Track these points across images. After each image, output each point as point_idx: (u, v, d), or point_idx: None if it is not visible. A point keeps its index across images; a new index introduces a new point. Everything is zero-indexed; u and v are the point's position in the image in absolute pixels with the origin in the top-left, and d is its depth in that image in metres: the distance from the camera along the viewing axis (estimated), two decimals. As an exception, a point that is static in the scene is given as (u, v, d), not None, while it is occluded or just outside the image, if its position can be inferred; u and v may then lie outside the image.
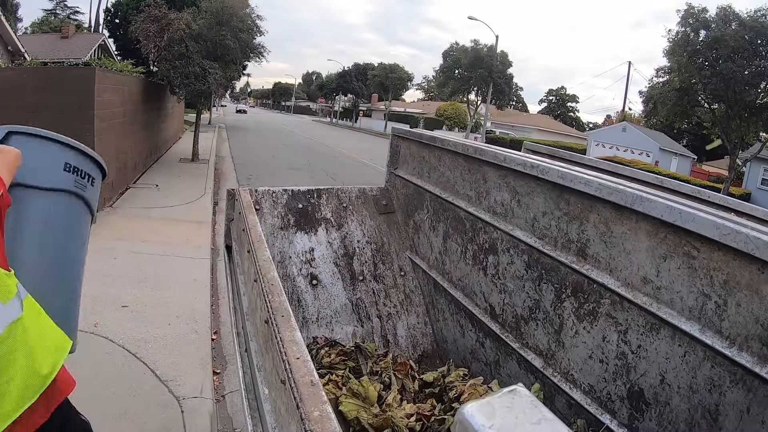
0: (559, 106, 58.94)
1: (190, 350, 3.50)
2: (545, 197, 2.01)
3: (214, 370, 3.37)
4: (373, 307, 2.84)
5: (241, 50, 12.22)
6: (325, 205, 2.99)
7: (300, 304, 2.67)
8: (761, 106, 18.15)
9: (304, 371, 1.02)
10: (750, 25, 16.98)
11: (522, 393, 0.69)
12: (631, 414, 1.67)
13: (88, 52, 21.57)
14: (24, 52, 16.14)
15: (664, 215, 1.51)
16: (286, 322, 1.23)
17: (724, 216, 1.44)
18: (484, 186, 2.38)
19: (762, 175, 22.00)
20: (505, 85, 32.24)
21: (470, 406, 0.66)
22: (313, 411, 0.90)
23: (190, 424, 2.72)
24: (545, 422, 0.64)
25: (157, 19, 10.45)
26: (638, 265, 1.64)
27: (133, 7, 17.20)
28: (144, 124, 9.42)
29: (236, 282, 2.26)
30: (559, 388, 1.93)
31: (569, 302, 1.90)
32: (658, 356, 1.58)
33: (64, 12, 38.37)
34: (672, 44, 18.81)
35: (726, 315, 1.40)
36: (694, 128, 30.55)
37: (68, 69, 7.19)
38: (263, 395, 1.41)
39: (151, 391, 2.90)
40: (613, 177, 2.02)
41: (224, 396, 3.16)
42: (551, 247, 1.99)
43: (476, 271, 2.44)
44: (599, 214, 1.78)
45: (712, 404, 1.43)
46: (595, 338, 1.80)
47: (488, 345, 2.38)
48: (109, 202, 6.64)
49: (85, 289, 1.22)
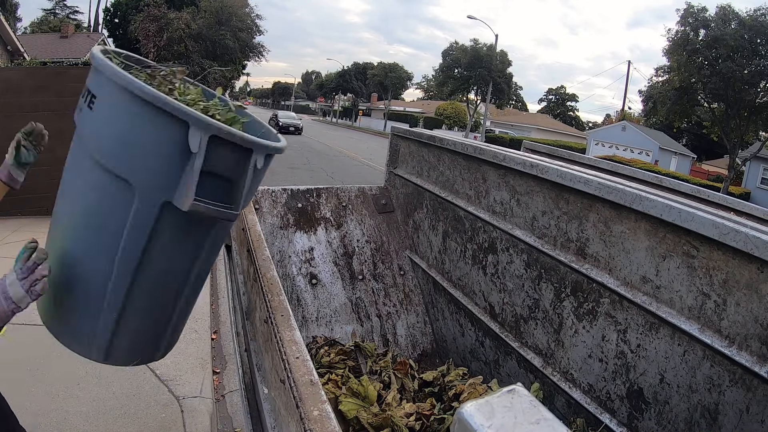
0: (558, 106, 58.92)
1: (190, 350, 3.50)
2: (544, 196, 2.01)
3: (214, 370, 3.37)
4: (372, 306, 2.84)
5: (240, 50, 12.24)
6: (325, 204, 2.99)
7: (299, 303, 2.68)
8: (761, 105, 18.16)
9: (304, 371, 1.02)
10: (749, 25, 17.00)
11: (521, 392, 0.69)
12: (631, 413, 1.67)
13: (87, 51, 21.54)
14: (23, 51, 16.12)
15: (663, 214, 1.51)
16: (286, 321, 1.23)
17: (723, 215, 1.44)
18: (483, 185, 2.38)
19: (761, 174, 22.00)
20: (505, 85, 32.23)
21: (469, 405, 0.66)
22: (313, 410, 0.90)
23: (190, 424, 2.72)
24: (544, 422, 0.64)
25: (157, 18, 10.46)
26: (637, 264, 1.64)
27: (132, 6, 17.20)
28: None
29: (236, 281, 2.26)
30: (559, 388, 1.93)
31: (569, 301, 1.91)
32: (657, 355, 1.58)
33: (64, 11, 38.32)
34: (671, 43, 18.82)
35: (725, 314, 1.40)
36: (693, 127, 30.56)
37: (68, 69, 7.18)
38: (263, 395, 1.41)
39: (150, 391, 2.90)
40: (613, 176, 2.02)
41: (224, 395, 3.16)
42: (550, 247, 1.99)
43: (476, 270, 2.44)
44: (599, 213, 1.78)
45: (711, 403, 1.43)
46: (594, 337, 1.80)
47: (488, 344, 2.38)
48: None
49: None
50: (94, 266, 1.10)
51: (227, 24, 11.74)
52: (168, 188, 1.00)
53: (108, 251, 1.07)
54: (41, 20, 36.03)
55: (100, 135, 1.03)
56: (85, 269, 1.10)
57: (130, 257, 1.06)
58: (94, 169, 1.05)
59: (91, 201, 1.09)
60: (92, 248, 1.10)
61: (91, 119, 1.04)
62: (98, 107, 1.03)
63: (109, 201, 1.06)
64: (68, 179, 1.17)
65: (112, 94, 0.99)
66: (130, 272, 1.08)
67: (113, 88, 0.98)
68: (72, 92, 6.39)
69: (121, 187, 1.02)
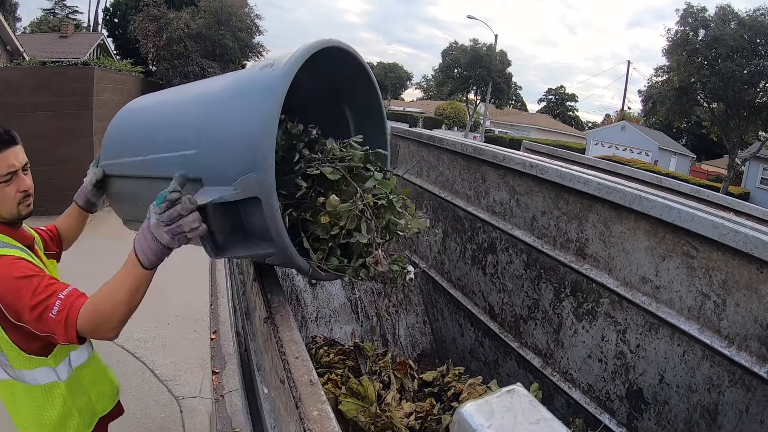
0: (558, 106, 58.92)
1: (190, 350, 3.50)
2: (544, 197, 2.01)
3: (214, 370, 3.37)
4: (372, 306, 2.84)
5: (239, 49, 12.24)
6: None
7: (299, 303, 2.67)
8: (760, 105, 18.18)
9: (303, 371, 1.02)
10: (749, 25, 17.01)
11: (521, 393, 0.69)
12: (630, 413, 1.67)
13: (87, 51, 21.49)
14: (23, 51, 16.08)
15: (663, 215, 1.51)
16: (285, 321, 1.23)
17: (723, 215, 1.44)
18: (483, 185, 2.38)
19: (761, 174, 22.01)
20: (504, 84, 32.23)
21: (469, 405, 0.66)
22: (312, 410, 0.90)
23: (189, 424, 2.72)
24: (544, 422, 0.64)
25: (156, 18, 10.46)
26: (637, 264, 1.64)
27: (131, 6, 17.17)
28: (143, 123, 9.41)
29: (235, 281, 2.26)
30: (558, 388, 1.93)
31: (568, 302, 1.91)
32: (657, 356, 1.58)
33: (63, 11, 38.26)
34: (671, 43, 18.84)
35: (725, 314, 1.40)
36: (693, 127, 30.56)
37: (67, 68, 7.16)
38: (262, 395, 1.41)
39: (150, 391, 2.90)
40: (612, 176, 2.02)
41: (223, 395, 3.16)
42: (550, 247, 1.99)
43: (475, 270, 2.44)
44: (598, 213, 1.78)
45: (711, 404, 1.43)
46: (594, 338, 1.80)
47: (487, 344, 2.38)
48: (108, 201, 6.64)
49: (85, 289, 1.22)
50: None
51: (227, 24, 11.73)
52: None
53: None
54: (41, 20, 35.99)
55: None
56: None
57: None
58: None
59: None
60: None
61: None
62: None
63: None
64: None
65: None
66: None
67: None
68: (71, 92, 6.39)
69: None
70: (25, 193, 1.29)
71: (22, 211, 1.29)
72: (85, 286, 1.20)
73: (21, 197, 1.28)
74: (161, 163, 1.29)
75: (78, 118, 6.05)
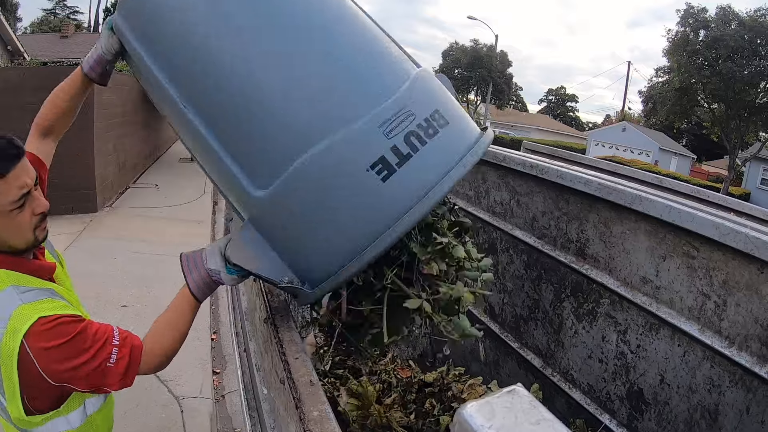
0: (558, 106, 58.89)
1: (190, 350, 3.50)
2: (544, 197, 2.01)
3: (214, 370, 3.37)
4: None
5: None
6: None
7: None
8: (761, 105, 18.18)
9: (303, 371, 1.02)
10: (749, 25, 17.02)
11: (521, 393, 0.69)
12: (631, 414, 1.67)
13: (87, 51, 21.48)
14: (24, 51, 16.10)
15: (663, 215, 1.51)
16: (285, 321, 1.23)
17: (723, 216, 1.44)
18: (483, 185, 2.38)
19: (761, 174, 21.98)
20: (505, 85, 32.30)
21: (469, 406, 0.66)
22: (312, 411, 0.90)
23: (190, 424, 2.72)
24: (545, 422, 0.64)
25: (157, 18, 10.43)
26: (637, 264, 1.64)
27: (132, 6, 17.15)
28: (143, 123, 9.40)
29: (235, 282, 2.25)
30: (559, 388, 1.93)
31: (568, 302, 1.90)
32: (657, 356, 1.58)
33: (64, 12, 38.29)
34: (671, 44, 18.85)
35: (725, 315, 1.40)
36: (693, 128, 30.55)
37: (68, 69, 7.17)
38: (262, 395, 1.41)
39: (150, 391, 2.90)
40: (613, 177, 2.02)
41: (224, 396, 3.16)
42: (550, 247, 1.99)
43: (476, 270, 2.44)
44: (599, 213, 1.78)
45: (711, 404, 1.43)
46: (594, 338, 1.80)
47: (487, 345, 2.38)
48: (108, 201, 6.63)
49: (85, 289, 1.21)
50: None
51: (227, 24, 11.76)
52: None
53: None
54: (41, 20, 36.03)
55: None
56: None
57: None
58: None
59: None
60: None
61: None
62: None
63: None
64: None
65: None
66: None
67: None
68: (72, 92, 6.38)
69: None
70: (42, 215, 1.05)
71: (39, 236, 1.06)
72: (86, 285, 1.20)
73: (37, 221, 1.04)
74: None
75: (78, 119, 6.04)
